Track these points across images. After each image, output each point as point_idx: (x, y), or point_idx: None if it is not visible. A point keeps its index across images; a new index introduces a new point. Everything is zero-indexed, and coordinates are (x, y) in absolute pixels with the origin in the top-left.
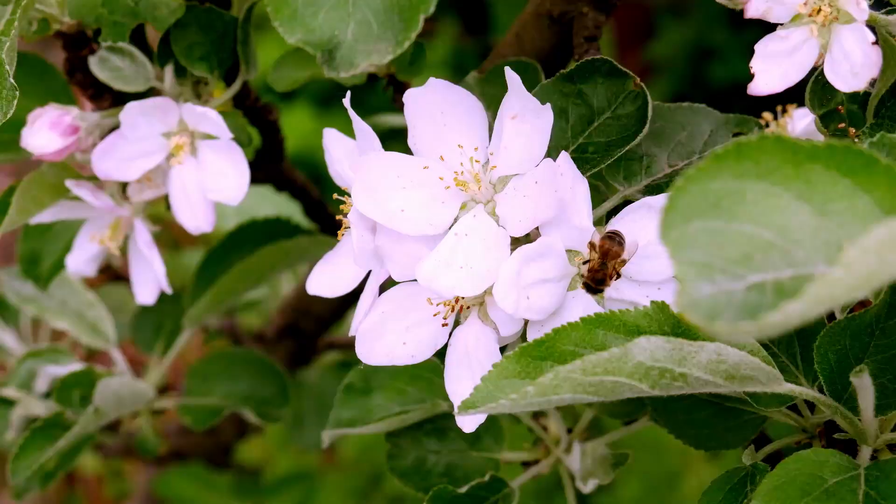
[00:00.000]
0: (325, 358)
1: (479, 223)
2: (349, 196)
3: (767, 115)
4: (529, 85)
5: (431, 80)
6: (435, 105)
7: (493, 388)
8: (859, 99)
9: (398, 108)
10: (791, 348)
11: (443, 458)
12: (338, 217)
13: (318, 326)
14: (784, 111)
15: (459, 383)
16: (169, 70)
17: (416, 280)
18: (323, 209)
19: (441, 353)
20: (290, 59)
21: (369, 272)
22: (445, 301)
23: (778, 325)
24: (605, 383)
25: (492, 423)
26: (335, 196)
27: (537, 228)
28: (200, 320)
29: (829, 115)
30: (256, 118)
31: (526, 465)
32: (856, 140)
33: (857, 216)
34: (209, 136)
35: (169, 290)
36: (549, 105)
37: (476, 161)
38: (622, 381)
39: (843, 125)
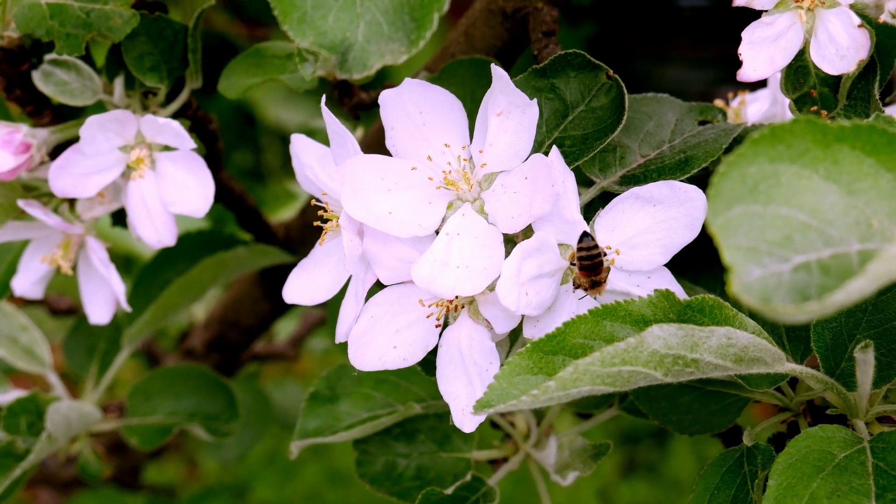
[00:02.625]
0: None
1: (470, 222)
2: (328, 202)
3: (720, 103)
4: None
5: (407, 80)
6: (413, 105)
7: (507, 386)
8: (830, 82)
9: (346, 111)
10: (776, 329)
11: (413, 461)
12: (315, 223)
13: (246, 338)
14: (734, 96)
15: (453, 383)
16: (119, 82)
17: (404, 283)
18: (258, 218)
19: (431, 355)
20: (239, 65)
21: (349, 279)
22: (438, 302)
23: (840, 303)
24: (622, 373)
25: None
26: (313, 202)
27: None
28: (141, 338)
29: (803, 98)
30: (197, 128)
31: (493, 462)
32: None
33: (882, 194)
34: (167, 148)
35: (128, 308)
36: (535, 100)
37: (465, 160)
38: (638, 371)
39: (815, 108)
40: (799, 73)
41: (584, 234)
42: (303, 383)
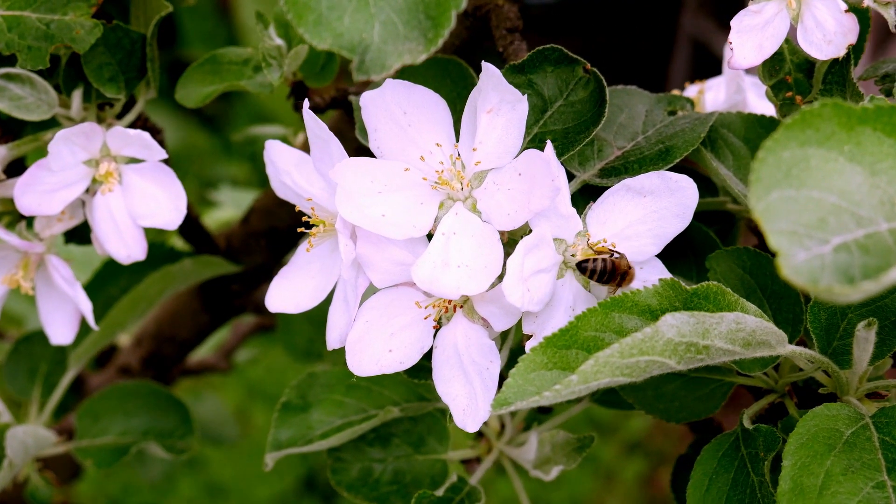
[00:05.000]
0: None
1: (465, 221)
2: (314, 207)
3: (676, 92)
4: (454, 82)
5: (389, 81)
6: (396, 106)
7: (524, 382)
8: (804, 68)
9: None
10: (764, 313)
11: (389, 465)
12: (299, 230)
13: (181, 352)
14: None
15: (451, 384)
16: (77, 95)
17: (396, 286)
18: (200, 229)
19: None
20: (196, 73)
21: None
22: (434, 302)
23: (894, 280)
24: (639, 363)
25: (434, 425)
26: (297, 209)
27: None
28: (89, 357)
29: (779, 84)
30: None
31: (465, 462)
32: (803, 107)
33: None
34: (133, 160)
35: (95, 327)
36: (525, 96)
37: (457, 159)
38: (655, 360)
39: (790, 94)
40: (775, 60)
41: (580, 264)
42: (220, 394)
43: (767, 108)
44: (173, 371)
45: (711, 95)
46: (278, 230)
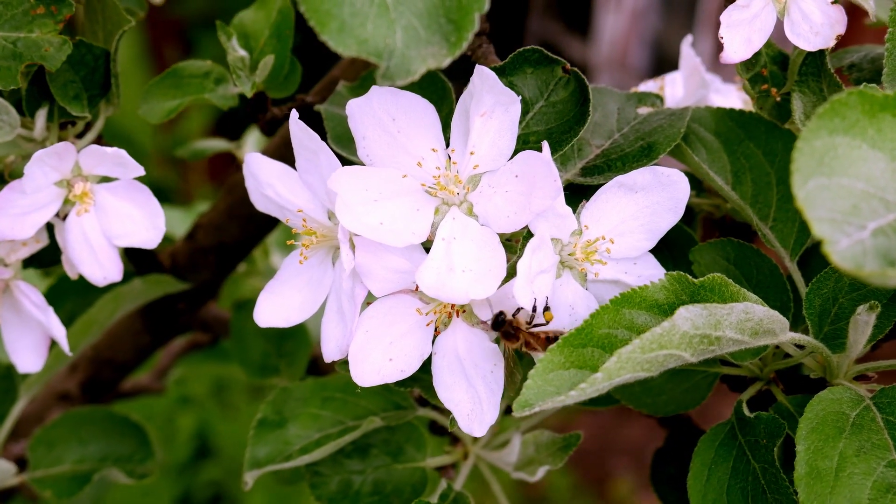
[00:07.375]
0: None
1: (463, 225)
2: (305, 218)
3: (635, 89)
4: (422, 88)
5: (375, 88)
6: (384, 112)
7: (543, 383)
8: (778, 61)
9: (260, 126)
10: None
11: (368, 476)
12: (288, 241)
13: (119, 375)
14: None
15: (453, 390)
16: (41, 114)
17: (393, 294)
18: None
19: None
20: (157, 88)
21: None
22: (434, 308)
23: None
24: (658, 358)
25: (412, 433)
26: (287, 220)
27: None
28: (40, 386)
29: (755, 77)
30: None
31: (440, 469)
32: (778, 99)
33: None
34: (105, 179)
35: (70, 353)
36: (519, 97)
37: (454, 163)
38: (672, 353)
39: (766, 86)
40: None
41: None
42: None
43: (724, 102)
44: (106, 395)
45: (669, 91)
46: (227, 245)
